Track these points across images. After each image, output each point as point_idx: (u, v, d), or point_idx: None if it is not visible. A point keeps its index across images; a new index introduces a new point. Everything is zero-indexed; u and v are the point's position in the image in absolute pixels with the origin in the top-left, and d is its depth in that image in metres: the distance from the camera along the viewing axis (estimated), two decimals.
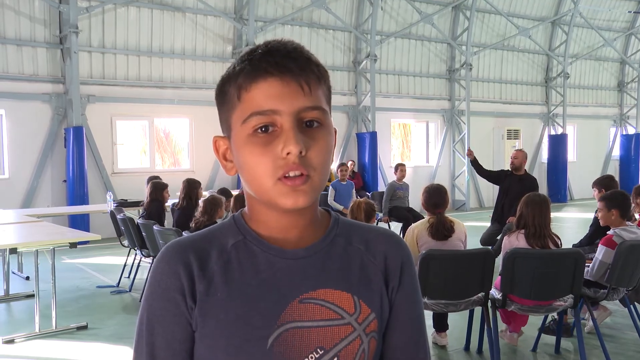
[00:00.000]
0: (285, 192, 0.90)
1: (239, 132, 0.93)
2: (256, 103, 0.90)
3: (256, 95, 0.91)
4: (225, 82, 0.96)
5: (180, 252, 0.95)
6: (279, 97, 0.90)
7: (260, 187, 0.92)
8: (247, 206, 1.01)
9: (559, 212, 13.82)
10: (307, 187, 0.90)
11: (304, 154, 0.89)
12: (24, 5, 10.13)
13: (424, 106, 15.02)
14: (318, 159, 0.91)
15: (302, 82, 0.91)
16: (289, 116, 0.89)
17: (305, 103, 0.91)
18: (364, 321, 0.96)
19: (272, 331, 0.91)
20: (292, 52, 0.92)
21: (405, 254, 1.04)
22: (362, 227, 1.06)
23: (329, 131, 0.94)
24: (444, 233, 4.27)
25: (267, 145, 0.90)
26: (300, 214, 0.96)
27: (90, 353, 4.65)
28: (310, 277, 0.95)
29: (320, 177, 0.92)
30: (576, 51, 17.55)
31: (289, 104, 0.90)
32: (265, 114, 0.90)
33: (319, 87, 0.94)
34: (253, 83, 0.91)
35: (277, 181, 0.89)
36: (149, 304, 0.96)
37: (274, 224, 0.97)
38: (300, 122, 0.91)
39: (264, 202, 0.94)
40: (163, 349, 0.94)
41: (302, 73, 0.91)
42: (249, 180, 0.94)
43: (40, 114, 10.27)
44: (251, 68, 0.92)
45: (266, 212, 0.96)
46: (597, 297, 4.29)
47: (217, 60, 12.06)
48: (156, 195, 6.80)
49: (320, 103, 0.93)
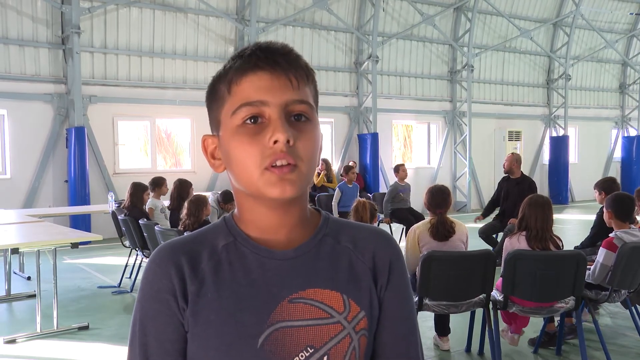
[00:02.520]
0: (273, 181, 0.91)
1: (228, 124, 0.94)
2: (246, 94, 0.93)
3: (246, 87, 0.93)
4: (216, 81, 0.99)
5: (172, 253, 0.97)
6: (268, 89, 0.92)
7: (248, 178, 0.93)
8: (236, 205, 1.02)
9: (560, 213, 13.81)
10: (294, 176, 0.91)
11: (292, 144, 0.91)
12: (26, 6, 10.15)
13: (425, 107, 15.02)
14: (305, 150, 0.93)
15: (291, 76, 0.94)
16: (277, 107, 0.92)
17: (293, 96, 0.93)
18: (353, 319, 0.97)
19: (262, 330, 0.92)
20: (281, 49, 0.96)
21: (394, 252, 1.05)
22: (351, 226, 1.06)
23: (316, 126, 0.96)
24: (444, 233, 4.26)
25: (256, 136, 0.92)
26: (288, 211, 0.97)
27: (91, 353, 4.66)
28: (300, 277, 0.96)
29: (308, 168, 0.93)
30: (578, 53, 17.55)
31: (277, 96, 0.92)
32: (254, 104, 0.92)
33: (306, 84, 0.96)
34: (243, 76, 0.94)
35: (265, 170, 0.91)
36: (142, 305, 0.97)
37: (262, 223, 0.98)
38: (289, 114, 0.93)
39: (252, 194, 0.95)
40: (156, 349, 0.95)
41: (291, 68, 0.94)
42: (238, 173, 0.95)
43: (42, 114, 10.28)
44: (242, 62, 0.95)
45: (254, 210, 0.98)
46: (598, 299, 4.29)
47: (219, 61, 12.05)
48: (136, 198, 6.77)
49: (308, 98, 0.96)
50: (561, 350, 4.46)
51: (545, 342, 4.55)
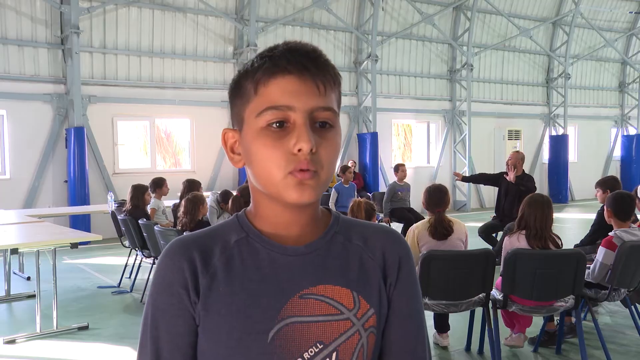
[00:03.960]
0: (292, 185, 0.92)
1: (252, 125, 0.95)
2: (272, 98, 0.93)
3: (273, 90, 0.93)
4: (242, 76, 0.98)
5: (184, 248, 0.98)
6: (295, 94, 0.92)
7: (269, 180, 0.94)
8: (252, 201, 1.03)
9: (560, 212, 13.82)
10: (313, 182, 0.92)
11: (314, 151, 0.91)
12: (25, 6, 10.14)
13: (425, 107, 15.02)
14: (327, 157, 0.94)
15: (319, 83, 0.94)
16: (303, 113, 0.92)
17: (319, 103, 0.93)
18: (362, 316, 0.98)
19: (272, 325, 0.93)
20: (311, 52, 0.96)
21: (404, 250, 1.06)
22: (361, 225, 1.08)
23: (338, 133, 0.98)
24: (442, 232, 4.27)
25: (280, 140, 0.92)
26: (302, 211, 0.98)
27: (91, 353, 4.65)
28: (311, 273, 0.97)
29: (327, 175, 0.95)
30: (577, 52, 17.55)
31: (304, 101, 0.92)
32: (280, 109, 0.92)
33: (332, 90, 0.97)
34: (271, 78, 0.93)
35: (288, 175, 0.92)
36: (154, 298, 0.98)
37: (276, 220, 0.99)
38: (313, 121, 0.93)
39: (271, 195, 0.96)
40: (167, 342, 0.97)
41: (320, 73, 0.95)
42: (258, 173, 0.95)
43: (41, 115, 10.28)
44: (271, 64, 0.94)
45: (270, 207, 0.99)
46: (598, 297, 4.29)
47: (218, 61, 12.06)
48: (137, 200, 6.75)
49: (333, 105, 0.96)
50: (561, 349, 4.46)
51: (545, 341, 4.55)
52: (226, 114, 11.94)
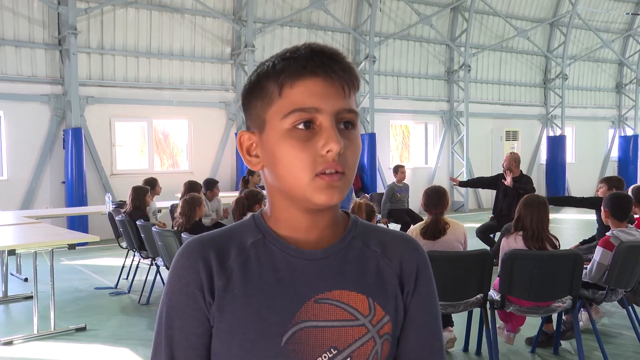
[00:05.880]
0: (321, 187, 0.91)
1: (277, 127, 0.94)
2: (299, 99, 0.92)
3: (300, 92, 0.93)
4: (263, 77, 0.96)
5: (200, 248, 0.98)
6: (322, 96, 0.92)
7: (296, 182, 0.93)
8: (269, 204, 1.02)
9: (558, 213, 13.83)
10: (341, 184, 0.92)
11: (342, 152, 0.92)
12: (23, 7, 10.13)
13: (422, 107, 15.04)
14: (353, 158, 0.95)
15: (345, 85, 0.95)
16: (329, 115, 0.92)
17: (344, 105, 0.94)
18: (378, 323, 0.97)
19: (287, 329, 0.93)
20: (335, 55, 0.96)
21: (422, 259, 1.06)
22: (379, 230, 1.07)
23: (359, 134, 0.99)
24: (433, 233, 4.27)
25: (307, 141, 0.92)
26: (323, 214, 0.98)
27: (88, 354, 4.64)
28: (327, 278, 0.97)
29: (352, 176, 0.96)
30: (574, 52, 17.58)
31: (330, 103, 0.92)
32: (307, 111, 0.92)
33: (354, 92, 0.98)
34: (298, 80, 0.93)
35: (315, 177, 0.91)
36: (169, 298, 0.98)
37: (295, 223, 0.98)
38: (338, 122, 0.94)
39: (295, 197, 0.95)
40: (181, 342, 0.96)
41: (345, 76, 0.95)
42: (283, 175, 0.94)
43: (39, 116, 10.27)
44: (297, 65, 0.94)
45: (289, 210, 0.98)
46: (595, 298, 4.30)
47: (216, 62, 12.06)
48: (139, 202, 6.73)
49: (355, 107, 0.97)
50: (558, 349, 4.46)
51: (542, 342, 4.56)
52: (224, 115, 11.95)
